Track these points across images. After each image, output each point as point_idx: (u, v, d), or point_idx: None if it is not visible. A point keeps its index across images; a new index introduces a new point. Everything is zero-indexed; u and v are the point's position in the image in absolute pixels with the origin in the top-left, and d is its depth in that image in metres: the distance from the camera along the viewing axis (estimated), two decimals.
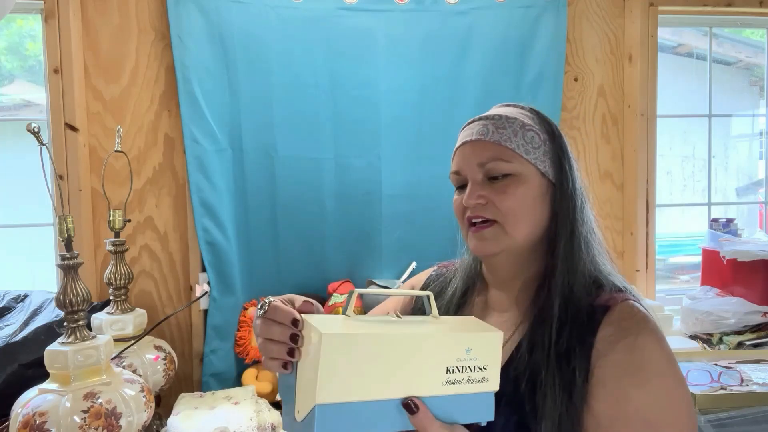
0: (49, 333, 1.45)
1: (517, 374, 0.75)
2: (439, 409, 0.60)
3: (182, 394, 1.56)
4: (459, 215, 0.87)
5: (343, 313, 0.64)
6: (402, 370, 0.59)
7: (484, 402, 0.63)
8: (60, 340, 1.19)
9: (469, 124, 0.91)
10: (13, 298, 1.63)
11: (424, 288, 1.02)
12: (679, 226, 3.04)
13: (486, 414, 0.64)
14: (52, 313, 1.54)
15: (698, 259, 2.11)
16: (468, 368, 0.62)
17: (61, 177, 1.67)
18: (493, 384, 0.64)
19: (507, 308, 0.86)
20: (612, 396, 0.69)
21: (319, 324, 0.58)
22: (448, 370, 0.61)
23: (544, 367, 0.73)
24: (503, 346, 0.67)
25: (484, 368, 0.63)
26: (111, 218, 1.55)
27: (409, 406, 0.58)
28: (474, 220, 0.83)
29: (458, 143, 0.90)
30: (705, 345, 1.76)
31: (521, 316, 0.83)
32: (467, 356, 0.62)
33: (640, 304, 0.77)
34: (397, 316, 0.67)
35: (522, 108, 0.90)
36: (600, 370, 0.71)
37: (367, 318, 0.65)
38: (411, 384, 0.59)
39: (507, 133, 0.84)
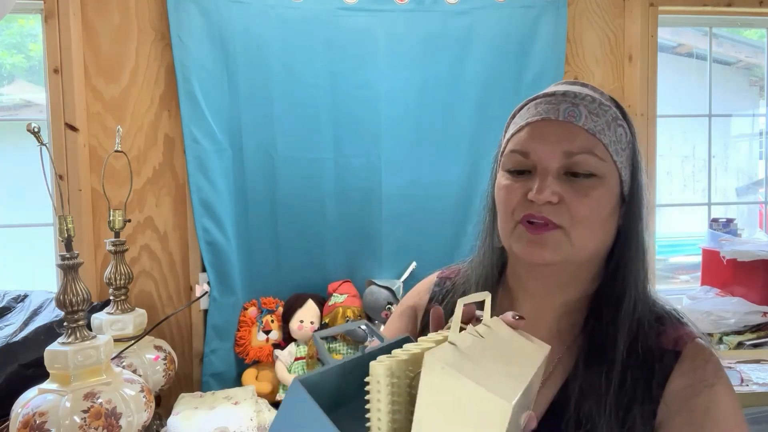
0: (49, 333, 1.45)
1: (561, 422, 0.63)
2: None
3: (182, 394, 1.56)
4: (510, 207, 0.68)
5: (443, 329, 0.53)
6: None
7: None
8: (60, 340, 1.19)
9: (549, 96, 0.71)
10: (13, 298, 1.63)
11: (428, 304, 0.83)
12: (679, 226, 3.04)
13: None
14: (52, 313, 1.54)
15: (698, 259, 2.11)
16: (530, 402, 0.52)
17: (61, 177, 1.67)
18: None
19: (542, 333, 0.70)
20: None
21: (486, 382, 0.40)
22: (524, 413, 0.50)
23: (599, 417, 0.61)
24: (541, 386, 0.59)
25: (533, 399, 0.54)
26: (111, 218, 1.55)
27: None
28: (533, 220, 0.65)
29: (531, 117, 0.70)
30: None
31: (563, 347, 0.69)
32: (535, 385, 0.53)
33: (706, 340, 0.67)
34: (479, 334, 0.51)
35: (602, 93, 0.76)
36: (669, 429, 0.61)
37: (478, 353, 0.46)
38: None
39: (601, 123, 0.68)
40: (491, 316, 0.55)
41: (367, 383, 0.43)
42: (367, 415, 0.43)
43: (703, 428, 0.60)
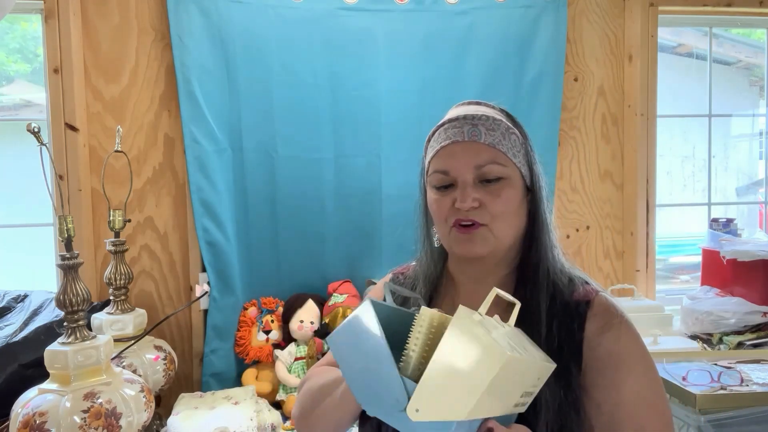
0: (49, 333, 1.45)
1: None
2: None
3: (182, 394, 1.56)
4: (442, 216, 0.85)
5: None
6: (504, 392, 0.60)
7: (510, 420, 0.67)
8: (60, 340, 1.19)
9: (451, 122, 0.88)
10: (13, 298, 1.63)
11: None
12: (679, 226, 3.04)
13: None
14: (52, 313, 1.54)
15: (698, 259, 2.11)
16: (530, 393, 0.66)
17: (61, 177, 1.67)
18: (527, 407, 0.68)
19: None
20: (610, 383, 0.77)
21: (493, 338, 0.57)
22: (522, 395, 0.63)
23: None
24: None
25: (532, 393, 0.67)
26: (111, 218, 1.55)
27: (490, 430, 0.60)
28: (463, 222, 0.82)
29: (443, 142, 0.86)
30: (705, 345, 1.76)
31: (501, 311, 0.82)
32: (537, 383, 0.66)
33: (608, 295, 0.85)
34: (501, 324, 0.66)
35: (493, 107, 0.92)
36: (594, 362, 0.78)
37: (500, 329, 0.63)
38: (498, 404, 0.60)
39: (497, 136, 0.85)
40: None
41: (403, 333, 0.65)
42: (406, 345, 0.63)
43: (619, 359, 0.77)
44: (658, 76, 2.00)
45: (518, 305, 0.69)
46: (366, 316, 0.63)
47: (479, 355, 0.56)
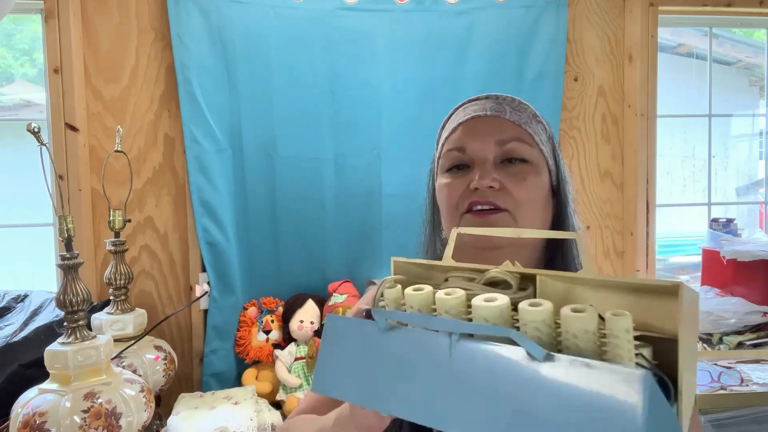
0: (49, 333, 1.45)
1: None
2: None
3: (182, 394, 1.56)
4: (453, 201, 0.73)
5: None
6: None
7: None
8: (60, 340, 1.19)
9: (474, 101, 0.79)
10: (13, 298, 1.63)
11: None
12: (679, 226, 3.04)
13: None
14: (52, 313, 1.54)
15: (698, 259, 2.11)
16: None
17: (61, 177, 1.67)
18: None
19: None
20: None
21: None
22: None
23: None
24: None
25: None
26: (111, 218, 1.55)
27: None
28: (479, 206, 0.70)
29: (461, 118, 0.76)
30: (705, 345, 1.76)
31: None
32: None
33: None
34: None
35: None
36: None
37: None
38: None
39: (524, 117, 0.76)
40: None
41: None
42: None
43: None
44: (658, 76, 2.00)
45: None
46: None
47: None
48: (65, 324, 1.19)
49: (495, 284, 0.51)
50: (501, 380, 0.40)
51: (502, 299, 0.45)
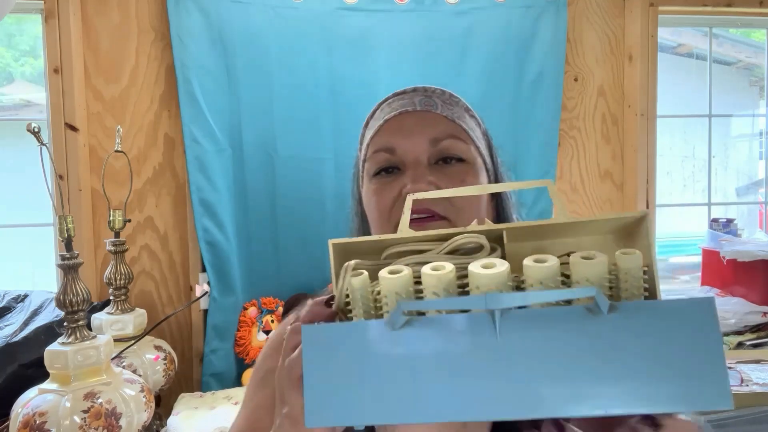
0: (49, 333, 1.45)
1: None
2: None
3: (182, 394, 1.56)
4: (384, 210, 0.64)
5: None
6: None
7: None
8: (60, 340, 1.19)
9: (400, 95, 0.71)
10: (13, 298, 1.63)
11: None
12: (679, 226, 3.04)
13: None
14: (52, 313, 1.54)
15: (698, 259, 2.11)
16: None
17: (61, 177, 1.67)
18: None
19: None
20: None
21: None
22: None
23: None
24: None
25: None
26: (111, 218, 1.55)
27: None
28: (416, 215, 0.61)
29: (388, 114, 0.68)
30: None
31: None
32: None
33: None
34: None
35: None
36: None
37: None
38: None
39: (458, 111, 0.69)
40: None
41: None
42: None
43: None
44: (658, 76, 2.00)
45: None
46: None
47: None
48: (65, 324, 1.19)
49: (457, 252, 0.46)
50: (568, 345, 0.38)
51: (501, 264, 0.41)
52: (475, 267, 0.41)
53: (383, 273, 0.43)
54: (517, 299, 0.38)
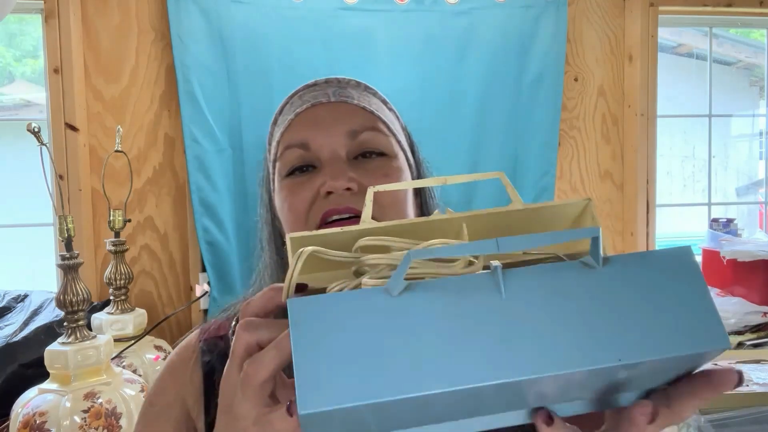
0: (49, 333, 1.45)
1: None
2: None
3: None
4: (300, 213, 0.58)
5: None
6: None
7: None
8: (60, 340, 1.19)
9: (311, 86, 0.64)
10: (13, 298, 1.63)
11: (198, 379, 0.61)
12: (679, 226, 3.04)
13: None
14: (52, 313, 1.54)
15: (698, 259, 2.11)
16: None
17: (61, 177, 1.67)
18: None
19: None
20: None
21: None
22: None
23: None
24: None
25: None
26: (111, 218, 1.55)
27: None
28: (337, 216, 0.56)
29: (299, 108, 0.62)
30: None
31: None
32: None
33: None
34: None
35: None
36: None
37: None
38: None
39: (375, 102, 0.65)
40: None
41: None
42: None
43: None
44: (658, 76, 2.00)
45: None
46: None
47: None
48: (65, 324, 1.19)
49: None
50: (573, 299, 0.37)
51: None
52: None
53: (366, 281, 0.38)
54: (526, 241, 0.37)
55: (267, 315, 0.39)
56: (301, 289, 0.38)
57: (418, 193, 0.66)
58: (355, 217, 0.55)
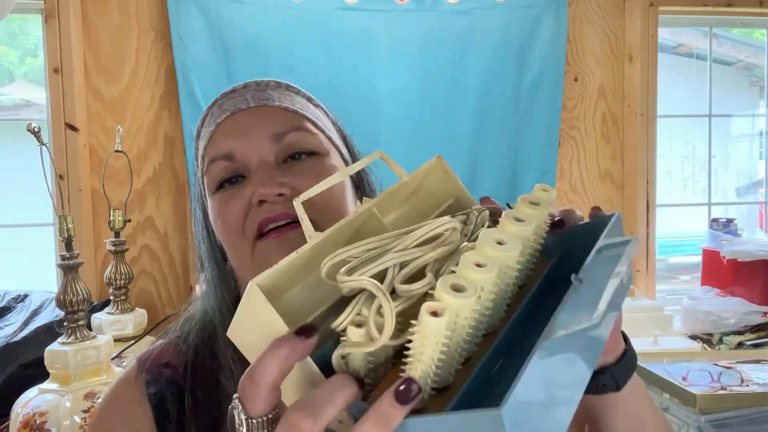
0: (49, 333, 1.45)
1: None
2: None
3: None
4: (235, 226, 0.55)
5: None
6: None
7: None
8: (60, 340, 1.19)
9: (229, 94, 0.62)
10: (13, 298, 1.63)
11: (148, 412, 0.57)
12: (679, 226, 3.04)
13: None
14: (52, 313, 1.54)
15: (698, 259, 2.10)
16: None
17: (61, 177, 1.67)
18: None
19: None
20: None
21: None
22: None
23: None
24: None
25: None
26: (111, 218, 1.55)
27: None
28: (273, 224, 0.53)
29: (219, 118, 0.59)
30: (705, 345, 1.76)
31: None
32: None
33: None
34: None
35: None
36: None
37: None
38: None
39: (298, 101, 0.63)
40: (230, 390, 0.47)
41: None
42: None
43: None
44: (658, 76, 2.00)
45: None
46: None
47: None
48: (65, 324, 1.19)
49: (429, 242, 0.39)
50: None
51: (511, 238, 0.37)
52: (491, 245, 0.35)
53: (424, 316, 0.31)
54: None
55: (282, 379, 0.33)
56: (308, 330, 0.33)
57: (359, 186, 0.65)
58: (293, 222, 0.53)
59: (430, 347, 0.31)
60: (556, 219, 0.46)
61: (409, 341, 0.32)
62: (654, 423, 0.54)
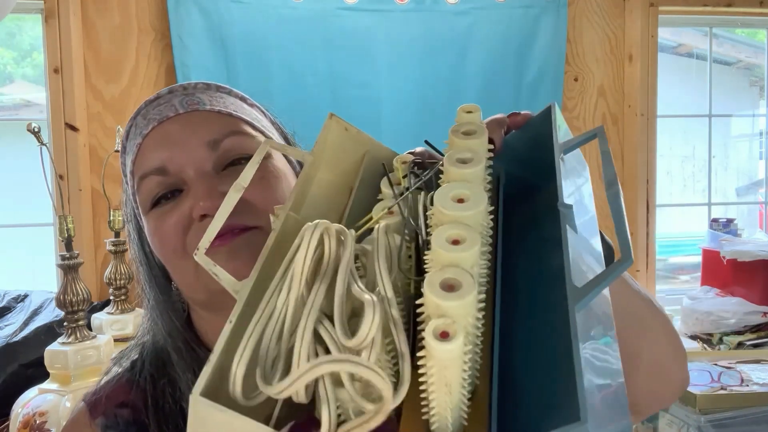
0: (49, 333, 1.45)
1: None
2: None
3: None
4: (175, 243, 0.51)
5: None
6: None
7: None
8: (60, 340, 1.19)
9: (154, 101, 0.56)
10: (13, 298, 1.63)
11: None
12: (679, 226, 3.04)
13: None
14: (52, 313, 1.54)
15: (698, 259, 2.10)
16: None
17: (61, 177, 1.67)
18: None
19: None
20: None
21: None
22: None
23: None
24: None
25: None
26: (111, 218, 1.55)
27: None
28: (219, 236, 0.47)
29: (145, 129, 0.54)
30: (705, 345, 1.76)
31: None
32: None
33: None
34: None
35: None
36: None
37: None
38: None
39: (232, 102, 0.58)
40: None
41: None
42: None
43: None
44: (658, 76, 2.00)
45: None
46: None
47: None
48: (65, 324, 1.19)
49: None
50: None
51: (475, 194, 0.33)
52: (453, 208, 0.31)
53: (433, 343, 0.25)
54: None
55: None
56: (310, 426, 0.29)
57: None
58: (237, 230, 0.49)
59: (454, 373, 0.26)
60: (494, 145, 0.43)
61: (421, 374, 0.27)
62: (650, 315, 0.52)
